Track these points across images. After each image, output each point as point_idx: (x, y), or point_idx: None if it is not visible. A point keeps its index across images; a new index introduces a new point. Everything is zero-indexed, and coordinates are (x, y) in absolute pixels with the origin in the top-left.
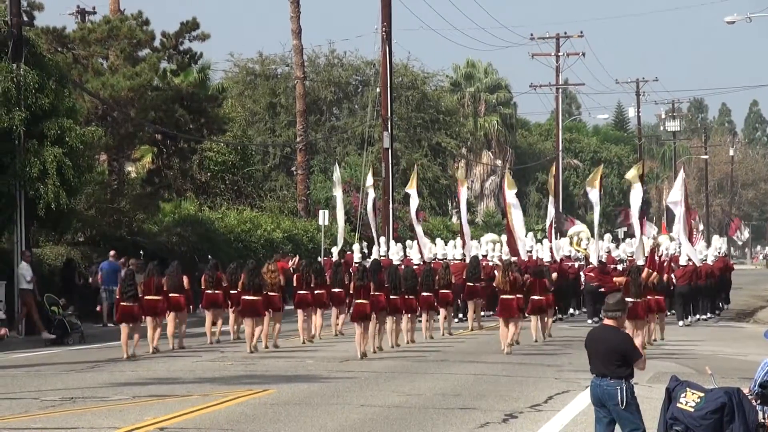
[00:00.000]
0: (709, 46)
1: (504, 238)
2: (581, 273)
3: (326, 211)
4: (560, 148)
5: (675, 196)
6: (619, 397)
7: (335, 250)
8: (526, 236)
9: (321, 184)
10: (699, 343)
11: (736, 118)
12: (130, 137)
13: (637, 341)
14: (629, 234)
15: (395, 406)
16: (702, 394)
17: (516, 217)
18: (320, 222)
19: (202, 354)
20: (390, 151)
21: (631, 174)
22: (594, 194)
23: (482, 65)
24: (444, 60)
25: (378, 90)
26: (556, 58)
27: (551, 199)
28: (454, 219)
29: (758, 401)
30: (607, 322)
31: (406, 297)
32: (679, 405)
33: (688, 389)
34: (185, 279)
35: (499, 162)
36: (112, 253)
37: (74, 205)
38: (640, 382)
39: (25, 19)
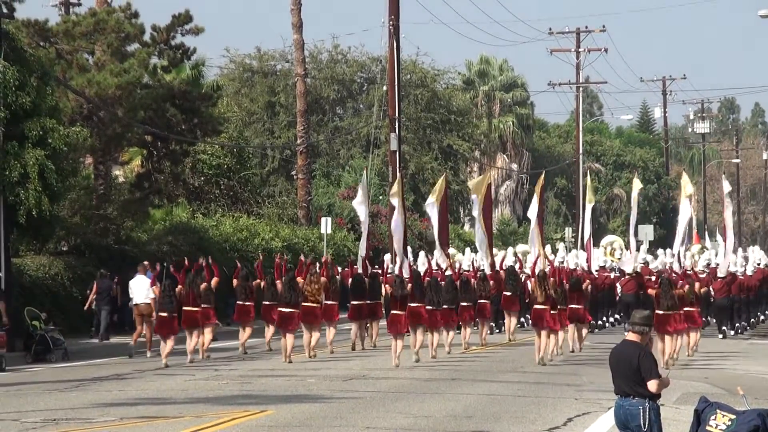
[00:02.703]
0: (741, 41)
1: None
2: (617, 284)
3: (329, 219)
4: (580, 151)
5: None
6: (641, 418)
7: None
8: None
9: (323, 190)
10: (730, 362)
11: None
12: (117, 138)
13: (666, 354)
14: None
15: (403, 429)
16: (733, 417)
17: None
18: (322, 230)
19: (195, 372)
20: (397, 154)
21: (688, 191)
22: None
23: (497, 62)
24: (456, 56)
25: (384, 88)
26: (576, 54)
27: (588, 207)
28: (467, 227)
29: None
30: (630, 337)
31: (447, 309)
32: (708, 428)
33: (718, 411)
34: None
35: (514, 166)
36: (142, 263)
37: (57, 212)
38: (667, 403)
39: (5, 11)
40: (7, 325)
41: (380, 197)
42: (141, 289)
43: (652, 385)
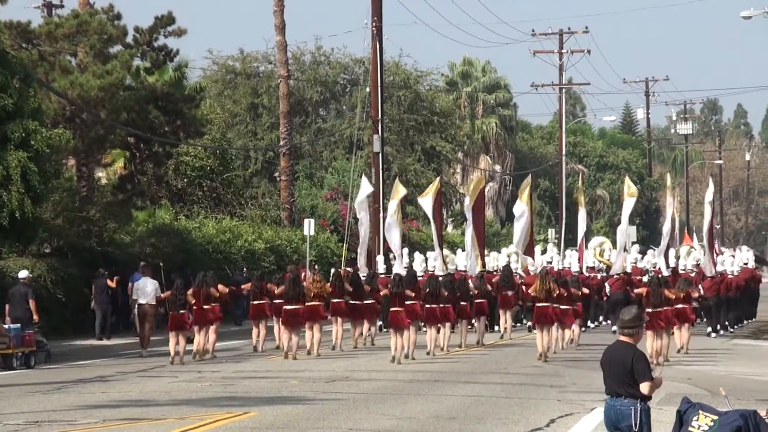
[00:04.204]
0: (723, 42)
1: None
2: (605, 284)
3: (312, 220)
4: (563, 152)
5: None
6: (633, 419)
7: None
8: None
9: (306, 191)
10: (713, 363)
11: (752, 120)
12: (100, 140)
13: (656, 348)
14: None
15: (386, 431)
16: (716, 417)
17: (516, 229)
18: (305, 232)
19: (178, 374)
20: (380, 155)
21: (667, 186)
22: (628, 205)
23: (480, 63)
24: (439, 57)
25: (368, 90)
26: (559, 56)
27: (582, 211)
28: (449, 228)
29: None
30: (622, 338)
31: (443, 306)
32: (691, 429)
33: (700, 412)
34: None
35: (497, 167)
36: (143, 263)
37: (40, 214)
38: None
39: None
40: (37, 323)
41: None
42: (146, 291)
43: (644, 387)
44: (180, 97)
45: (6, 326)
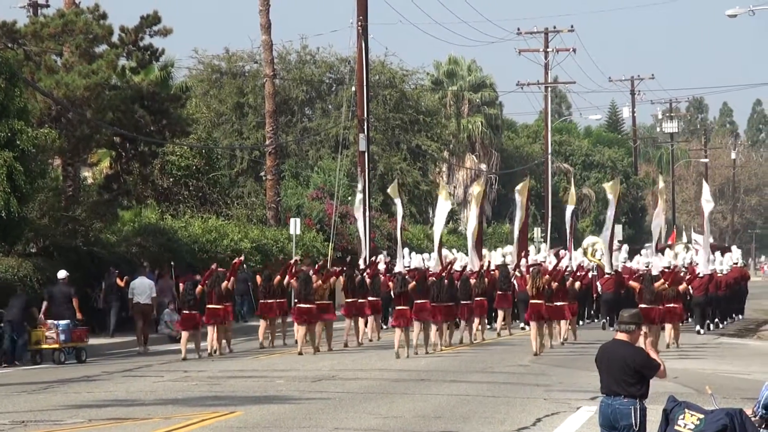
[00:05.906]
0: (709, 41)
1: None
2: (597, 283)
3: (297, 220)
4: (549, 151)
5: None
6: (633, 418)
7: (362, 262)
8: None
9: (292, 191)
10: (699, 361)
11: (738, 119)
12: (86, 140)
13: (652, 350)
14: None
15: (372, 430)
16: (702, 416)
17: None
18: (291, 231)
19: (164, 373)
20: (366, 154)
21: (660, 187)
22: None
23: (465, 62)
24: (424, 56)
25: (353, 89)
26: (544, 55)
27: (570, 209)
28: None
29: (763, 425)
30: (619, 336)
31: (448, 305)
32: (677, 428)
33: (686, 410)
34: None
35: (483, 166)
36: (144, 263)
37: (26, 213)
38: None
39: None
40: (82, 320)
41: (349, 198)
42: (143, 289)
43: (661, 374)
44: (166, 97)
45: (52, 322)
